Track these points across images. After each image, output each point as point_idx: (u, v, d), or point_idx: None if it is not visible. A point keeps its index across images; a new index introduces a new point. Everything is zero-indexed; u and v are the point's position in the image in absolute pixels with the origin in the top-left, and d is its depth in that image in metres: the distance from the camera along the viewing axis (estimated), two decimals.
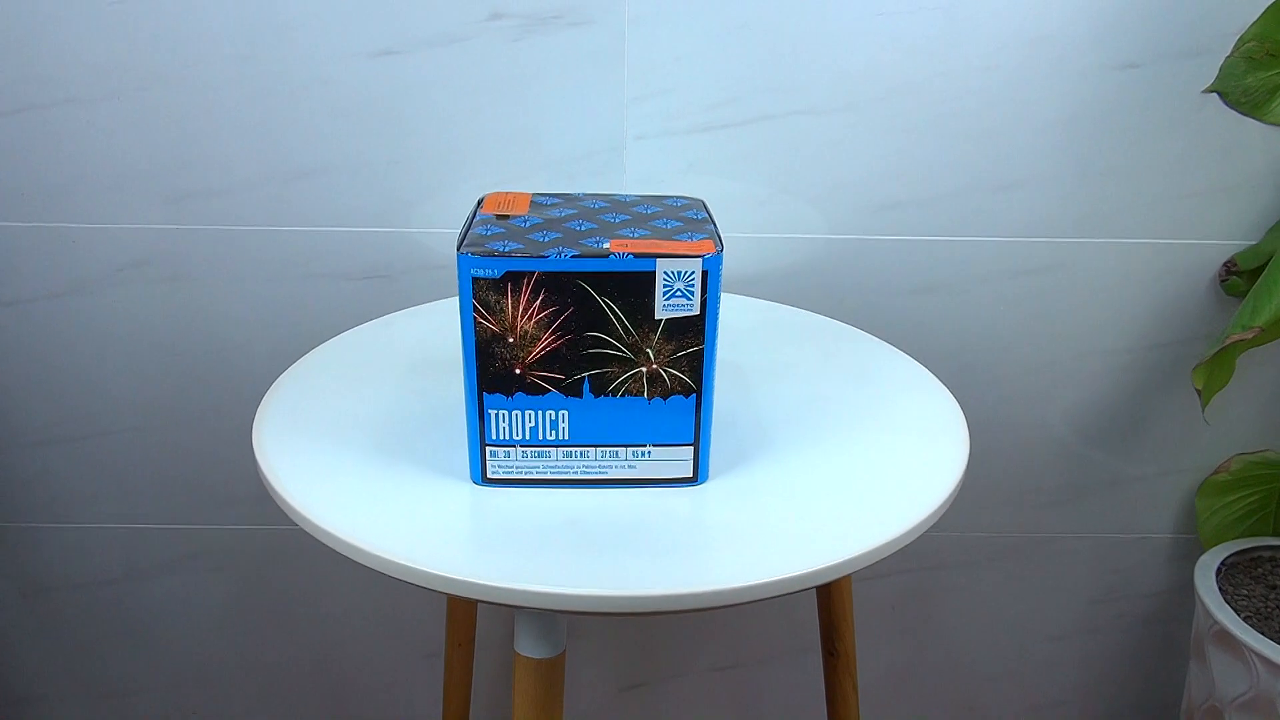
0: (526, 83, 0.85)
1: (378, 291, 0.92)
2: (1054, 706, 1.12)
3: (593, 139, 0.87)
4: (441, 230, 0.90)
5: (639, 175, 0.88)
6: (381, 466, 0.59)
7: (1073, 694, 1.12)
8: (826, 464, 0.61)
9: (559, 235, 0.54)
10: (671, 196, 0.63)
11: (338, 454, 0.60)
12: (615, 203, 0.61)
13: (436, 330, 0.78)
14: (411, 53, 0.84)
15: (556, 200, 0.61)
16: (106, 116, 0.85)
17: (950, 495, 0.58)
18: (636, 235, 0.55)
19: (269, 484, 0.58)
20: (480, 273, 0.52)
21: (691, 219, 0.58)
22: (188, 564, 1.03)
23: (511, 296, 0.53)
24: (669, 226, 0.57)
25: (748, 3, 0.83)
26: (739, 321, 0.83)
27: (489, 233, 0.55)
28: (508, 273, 0.52)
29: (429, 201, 0.89)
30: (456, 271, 0.51)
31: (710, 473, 0.59)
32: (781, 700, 1.12)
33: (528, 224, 0.56)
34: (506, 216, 0.58)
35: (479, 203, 0.61)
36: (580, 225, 0.56)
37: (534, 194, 0.63)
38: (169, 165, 0.87)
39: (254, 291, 0.92)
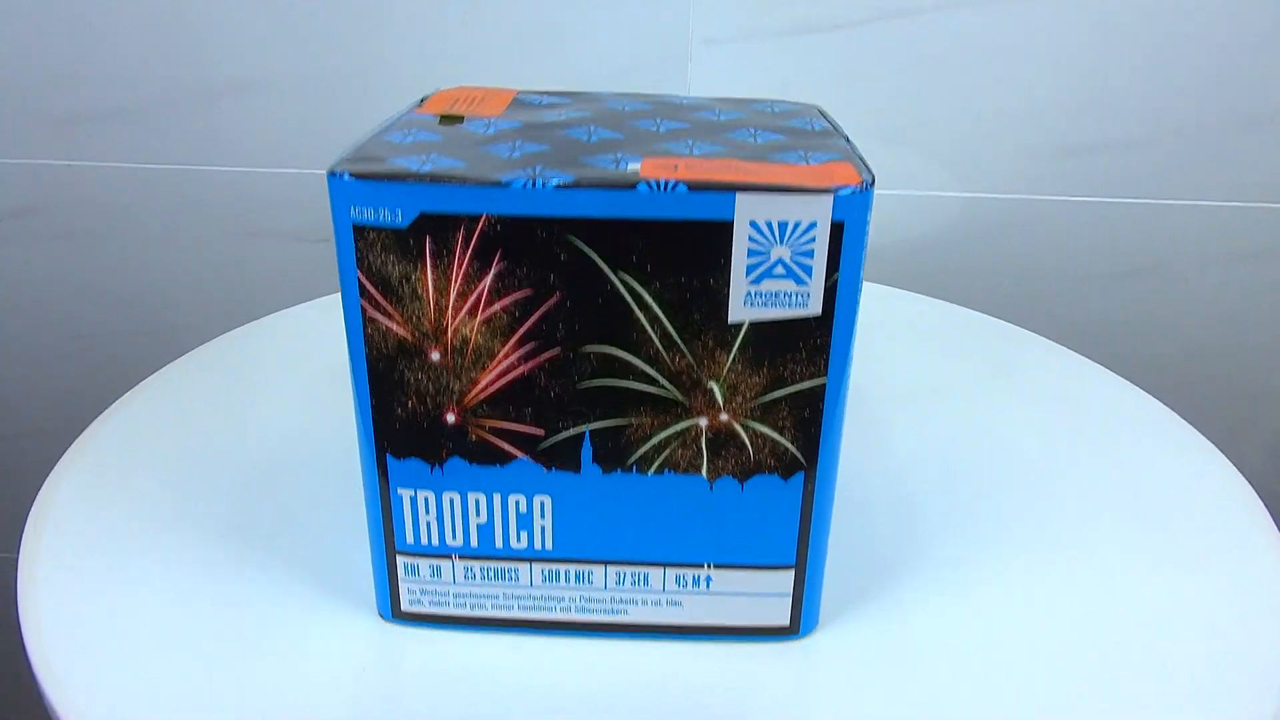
0: None
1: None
2: None
3: (644, 42, 0.59)
4: None
5: (709, 95, 0.60)
6: (226, 579, 0.33)
7: None
8: (1025, 595, 0.33)
9: (542, 149, 0.27)
10: (764, 100, 0.36)
11: (158, 561, 0.34)
12: (662, 105, 0.34)
13: None
14: None
15: (560, 99, 0.34)
16: None
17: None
18: (696, 152, 0.27)
19: (23, 625, 0.32)
20: (369, 215, 0.25)
21: (803, 130, 0.31)
22: None
23: (434, 267, 0.26)
24: (760, 140, 0.29)
25: None
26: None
27: (410, 138, 0.28)
28: (424, 216, 0.25)
29: None
30: (330, 206, 0.24)
31: (823, 616, 0.32)
32: None
33: (492, 128, 0.29)
34: (457, 119, 0.31)
35: (418, 101, 0.34)
36: (589, 134, 0.29)
37: (521, 91, 0.36)
38: (53, 76, 0.62)
39: (172, 255, 0.66)
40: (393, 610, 0.30)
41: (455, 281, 0.26)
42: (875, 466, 0.40)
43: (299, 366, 0.47)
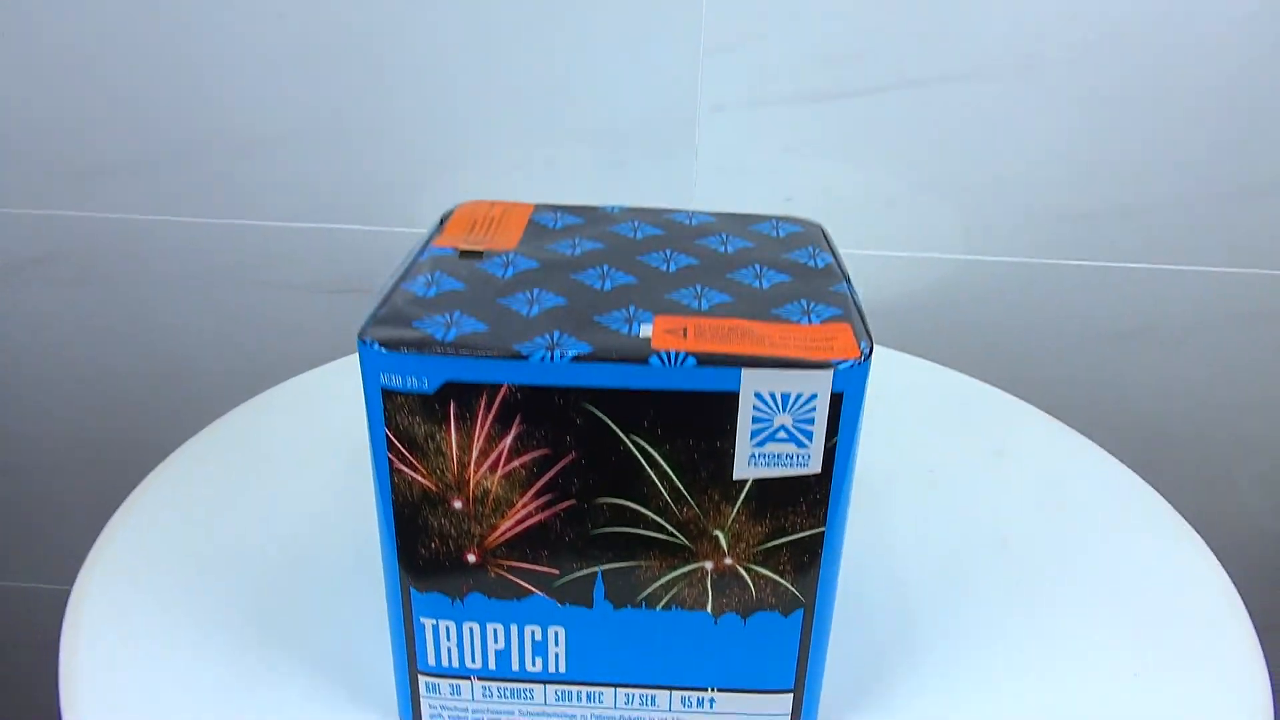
0: (561, 23, 0.59)
1: (357, 310, 0.68)
2: None
3: (653, 107, 0.61)
4: None
5: (714, 161, 0.62)
6: (250, 687, 0.35)
7: None
8: (1019, 699, 0.35)
9: (557, 304, 0.29)
10: (766, 218, 0.37)
11: (188, 660, 0.36)
12: (672, 231, 0.35)
13: None
14: None
15: (571, 222, 0.36)
16: None
17: None
18: (705, 306, 0.29)
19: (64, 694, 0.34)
20: (398, 382, 0.27)
21: (805, 268, 0.32)
22: None
23: (458, 428, 0.27)
24: (764, 288, 0.30)
25: None
26: None
27: (428, 293, 0.29)
28: (450, 385, 0.27)
29: (424, 189, 0.64)
30: (360, 369, 0.26)
31: (822, 713, 0.34)
32: None
33: (507, 270, 0.31)
34: (476, 253, 0.32)
35: (441, 221, 0.36)
36: (601, 279, 0.30)
37: (537, 207, 0.38)
38: (70, 131, 0.63)
39: (189, 303, 0.68)
40: (415, 717, 0.32)
41: (477, 441, 0.27)
42: (874, 559, 0.42)
43: (315, 445, 0.49)
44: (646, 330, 0.27)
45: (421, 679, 0.31)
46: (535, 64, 0.60)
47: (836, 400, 0.27)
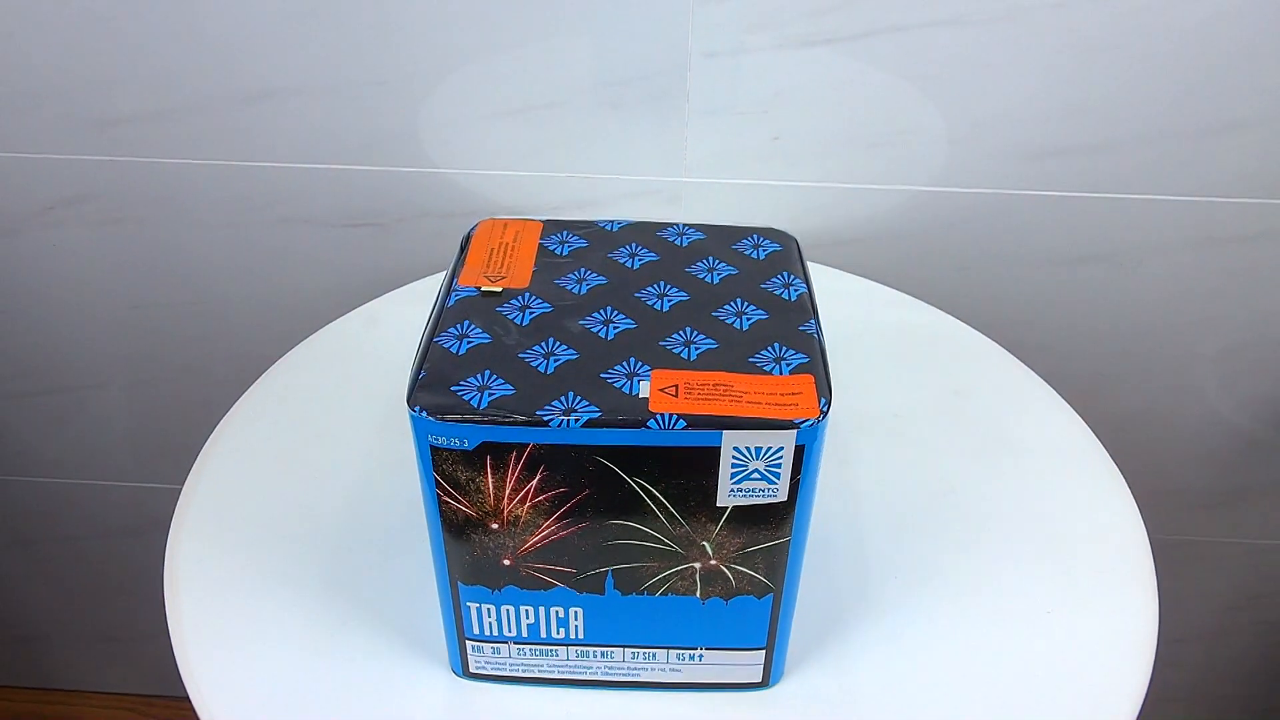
0: None
1: (369, 242, 0.72)
2: (1164, 702, 0.98)
3: (645, 54, 0.63)
4: (443, 171, 0.69)
5: (706, 105, 0.65)
6: (325, 634, 0.42)
7: (1184, 693, 0.97)
8: (955, 649, 0.43)
9: (570, 357, 0.34)
10: (746, 234, 0.42)
11: (269, 613, 0.44)
12: (663, 250, 0.40)
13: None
14: None
15: (577, 246, 0.41)
16: (9, 19, 0.64)
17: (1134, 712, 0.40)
18: (693, 357, 0.34)
19: (178, 655, 0.42)
20: (443, 442, 0.33)
21: (780, 301, 0.37)
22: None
23: (493, 474, 0.34)
24: (743, 329, 0.36)
25: None
26: (834, 310, 0.62)
27: (460, 350, 0.35)
28: (485, 444, 0.33)
29: (427, 134, 0.67)
30: (411, 426, 0.32)
31: (789, 664, 0.42)
32: None
33: (526, 316, 0.36)
34: (495, 295, 0.38)
35: (463, 247, 0.41)
36: (605, 326, 0.36)
37: (545, 225, 0.42)
38: (94, 82, 0.66)
39: (215, 237, 0.73)
40: (463, 670, 0.40)
41: (509, 483, 0.34)
42: (838, 509, 0.49)
43: (356, 403, 0.55)
44: (644, 389, 0.33)
45: (468, 642, 0.39)
46: (535, 15, 0.62)
47: (800, 450, 0.33)
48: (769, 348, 0.35)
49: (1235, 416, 0.77)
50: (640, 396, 0.33)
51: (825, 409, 0.33)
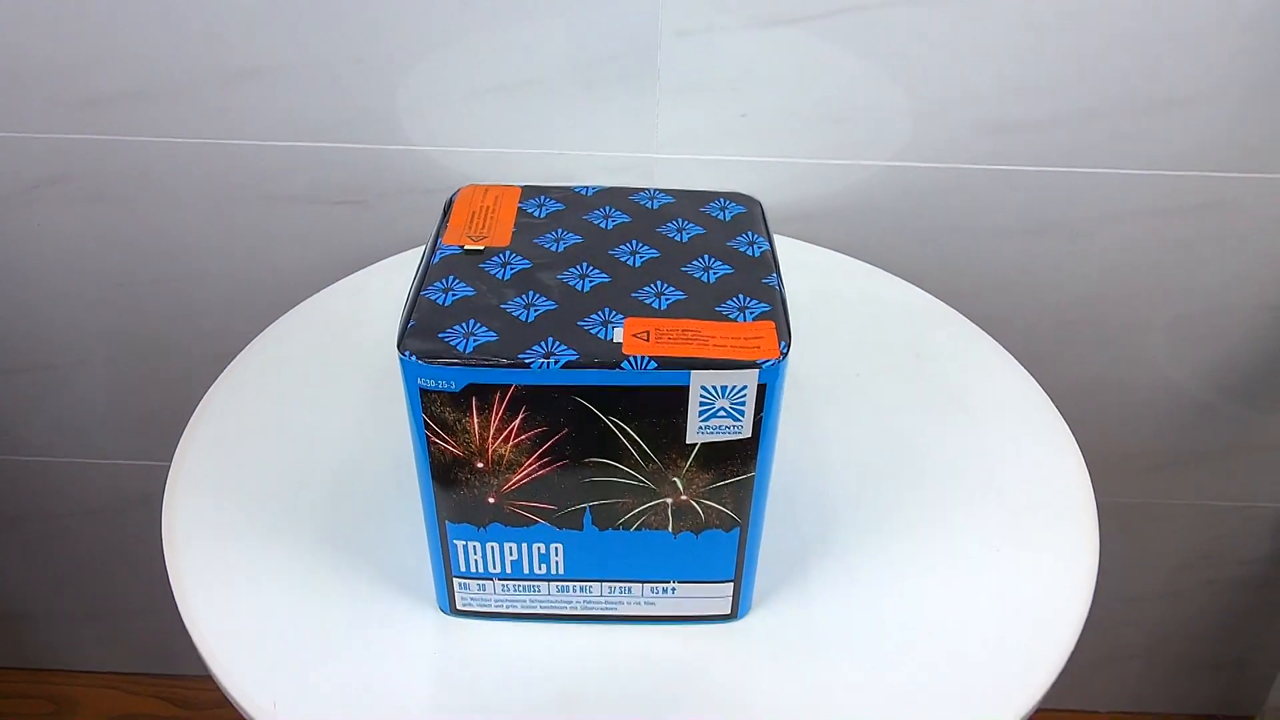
0: None
1: (351, 219, 0.74)
2: (1121, 660, 1.02)
3: (617, 33, 0.66)
4: (422, 148, 0.71)
5: (677, 83, 0.67)
6: (319, 580, 0.45)
7: (1140, 650, 1.01)
8: (909, 585, 0.46)
9: (549, 308, 0.37)
10: (713, 198, 0.45)
11: (265, 562, 0.46)
12: (635, 212, 0.43)
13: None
14: None
15: (553, 209, 0.43)
16: None
17: (1060, 660, 0.43)
18: (663, 306, 0.37)
19: (180, 603, 0.44)
20: (432, 384, 0.35)
21: (745, 258, 0.40)
22: (155, 501, 0.92)
23: (478, 414, 0.36)
24: (710, 281, 0.39)
25: None
26: (800, 278, 0.65)
27: (446, 301, 0.37)
28: (471, 385, 0.35)
29: (406, 112, 0.69)
30: (400, 372, 0.35)
31: (756, 598, 0.45)
32: None
33: (506, 270, 0.39)
34: (478, 253, 0.40)
35: (445, 211, 0.43)
36: (581, 280, 0.38)
37: (524, 190, 0.45)
38: (78, 62, 0.67)
39: (199, 215, 0.74)
40: (451, 607, 0.43)
41: (493, 423, 0.36)
42: (801, 460, 0.52)
43: (342, 370, 0.57)
44: (618, 335, 0.36)
45: (455, 580, 0.42)
46: (510, 6, 0.64)
47: (762, 389, 0.36)
48: (734, 298, 0.38)
49: (1186, 382, 0.81)
50: (614, 341, 0.36)
51: (785, 351, 0.35)
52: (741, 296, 0.38)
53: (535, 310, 0.37)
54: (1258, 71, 0.66)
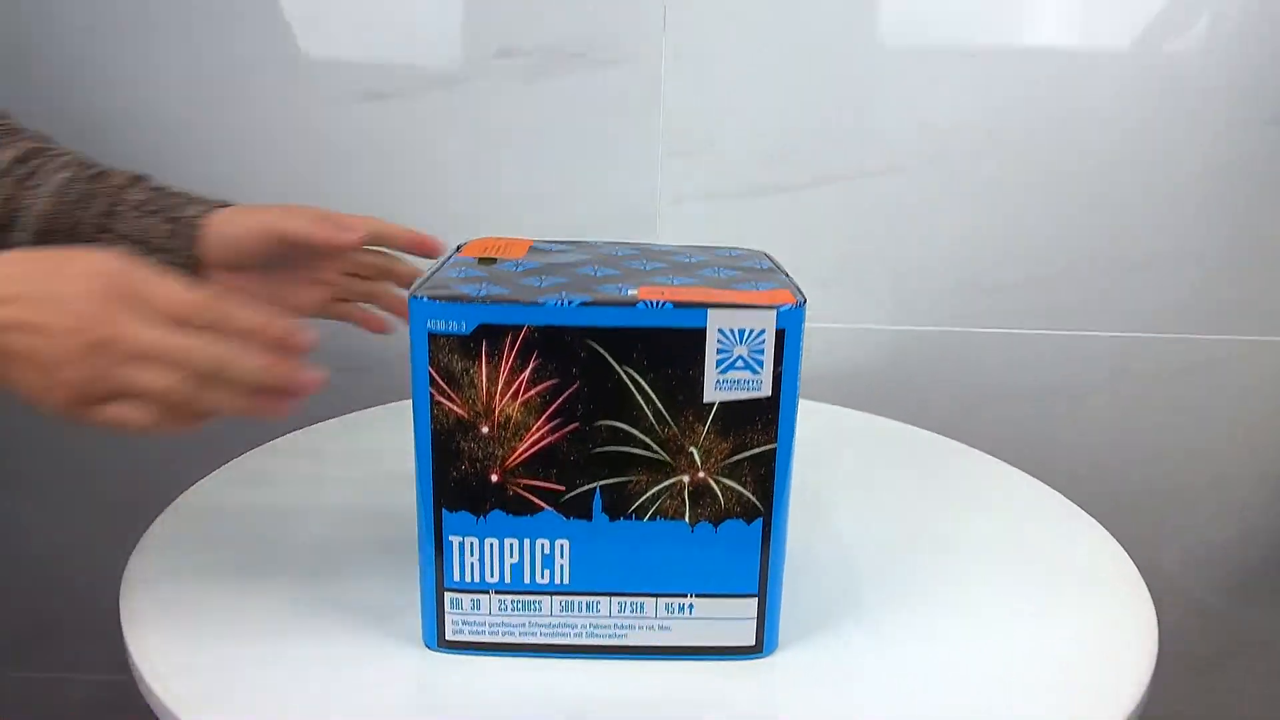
0: (540, 132, 0.70)
1: (350, 385, 0.75)
2: None
3: (619, 201, 0.71)
4: None
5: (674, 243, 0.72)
6: (297, 619, 0.40)
7: None
8: (944, 633, 0.41)
9: (563, 280, 0.37)
10: (723, 247, 0.46)
11: (238, 597, 0.41)
12: (647, 251, 0.44)
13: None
14: (404, 96, 0.70)
15: (567, 246, 0.45)
16: None
17: (1139, 699, 0.38)
18: (677, 283, 0.37)
19: (131, 656, 0.39)
20: (441, 326, 0.35)
21: (754, 269, 0.41)
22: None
23: (488, 363, 0.35)
24: (722, 275, 0.39)
25: (809, 34, 0.68)
26: (801, 425, 0.65)
27: (462, 274, 0.37)
28: (483, 327, 0.35)
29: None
30: (410, 318, 0.34)
31: (782, 639, 0.40)
32: None
33: (520, 267, 0.39)
34: (493, 260, 0.41)
35: (456, 248, 0.44)
36: (596, 270, 0.39)
37: (537, 240, 0.46)
38: None
39: None
40: (438, 640, 0.38)
41: (503, 373, 0.35)
42: (821, 537, 0.49)
43: (341, 467, 0.55)
44: (633, 293, 0.36)
45: (447, 595, 0.37)
46: (515, 172, 0.70)
47: (780, 336, 0.35)
48: (746, 283, 0.38)
49: (1179, 575, 0.78)
50: (631, 294, 0.35)
51: (803, 301, 0.35)
52: (753, 283, 0.38)
53: (549, 280, 0.37)
54: (1216, 233, 0.71)
